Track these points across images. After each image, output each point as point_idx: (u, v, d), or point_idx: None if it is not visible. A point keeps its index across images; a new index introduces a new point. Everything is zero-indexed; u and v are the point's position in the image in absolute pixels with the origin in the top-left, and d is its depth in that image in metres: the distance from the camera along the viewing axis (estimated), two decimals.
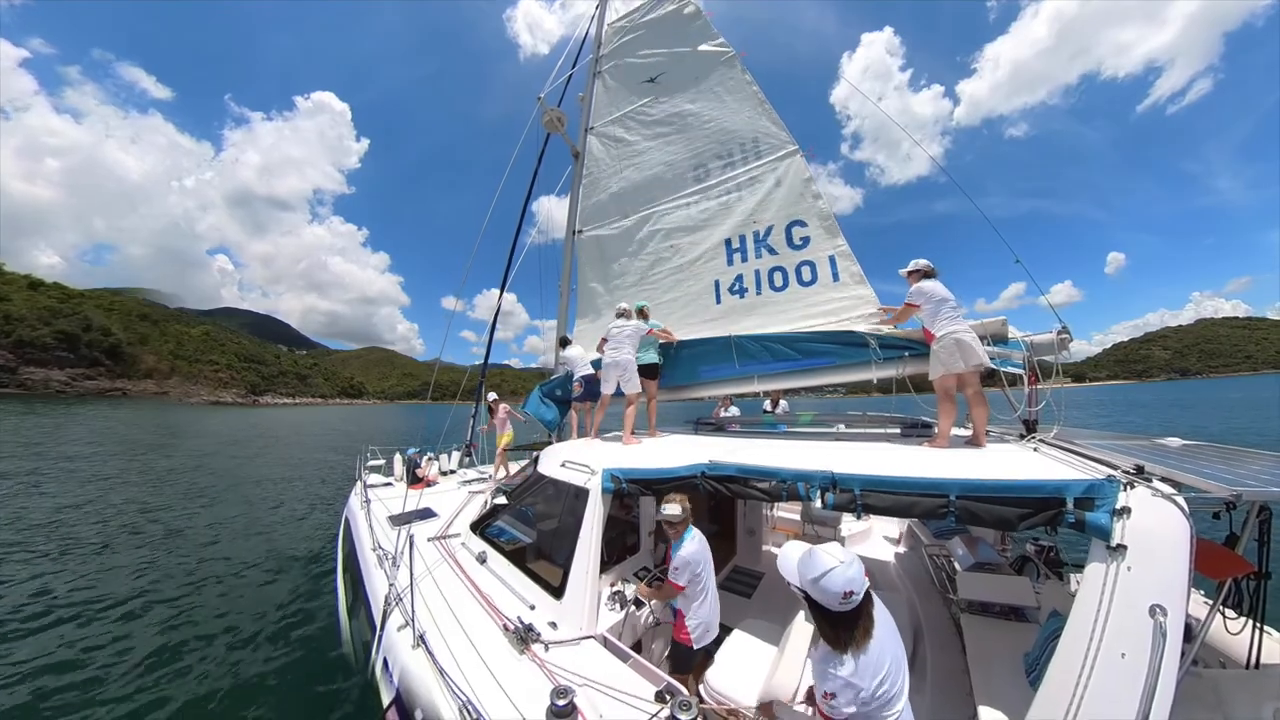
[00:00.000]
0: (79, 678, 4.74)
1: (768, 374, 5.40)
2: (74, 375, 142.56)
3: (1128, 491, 2.06)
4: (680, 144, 7.93)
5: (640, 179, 8.31)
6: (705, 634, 3.32)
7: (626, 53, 9.43)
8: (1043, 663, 2.59)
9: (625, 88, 9.25)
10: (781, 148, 6.69)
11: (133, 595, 6.63)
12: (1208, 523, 2.67)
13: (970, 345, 3.72)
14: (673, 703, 2.33)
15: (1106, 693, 1.85)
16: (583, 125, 9.66)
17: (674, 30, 8.74)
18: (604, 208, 8.64)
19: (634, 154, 8.59)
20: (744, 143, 7.09)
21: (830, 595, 1.80)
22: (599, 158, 9.16)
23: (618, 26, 9.90)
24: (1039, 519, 2.25)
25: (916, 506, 2.60)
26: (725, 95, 7.58)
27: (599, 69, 9.91)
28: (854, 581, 1.79)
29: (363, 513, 5.64)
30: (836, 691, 1.81)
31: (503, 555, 4.29)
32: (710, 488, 3.36)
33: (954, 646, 3.57)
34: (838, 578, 1.78)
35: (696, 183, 7.53)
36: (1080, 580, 2.10)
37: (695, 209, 7.31)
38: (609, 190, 8.67)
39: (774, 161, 6.65)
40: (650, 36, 9.12)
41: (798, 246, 5.97)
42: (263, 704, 4.52)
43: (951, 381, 3.86)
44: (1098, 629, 1.93)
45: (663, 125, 8.34)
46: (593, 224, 8.70)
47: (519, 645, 3.05)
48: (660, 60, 8.74)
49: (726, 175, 7.08)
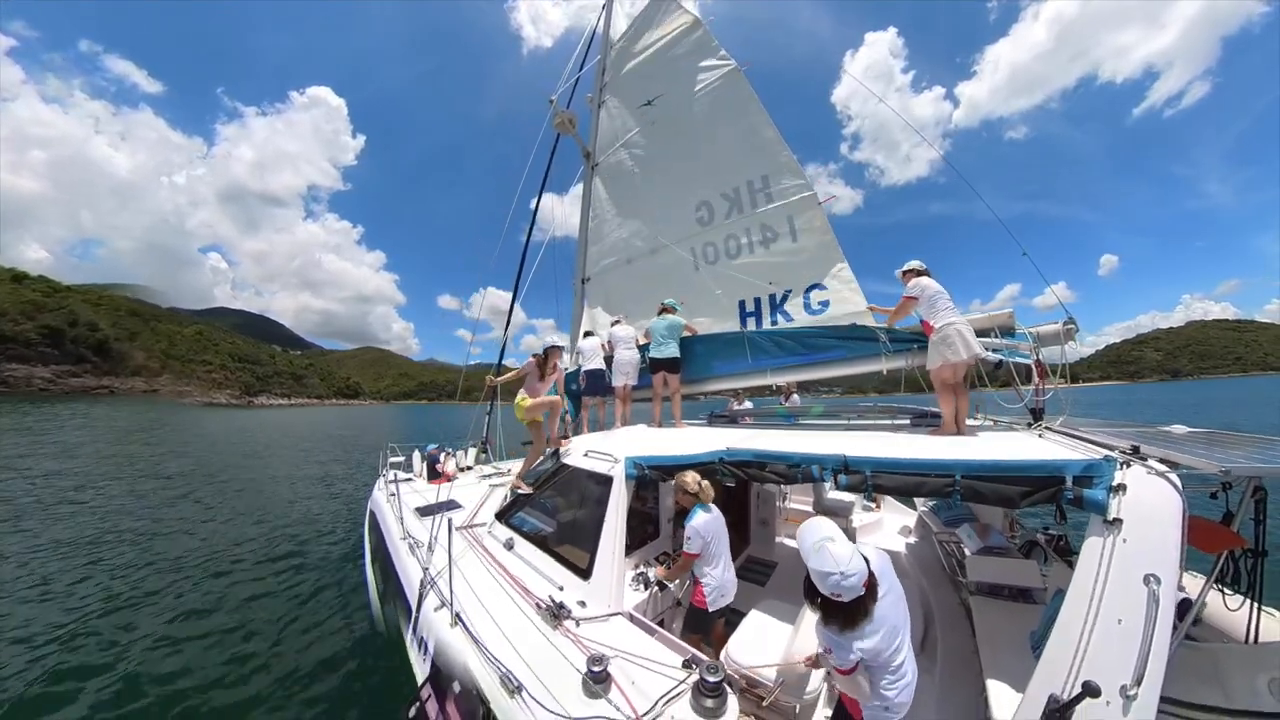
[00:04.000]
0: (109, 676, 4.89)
1: (779, 367, 5.57)
2: (58, 372, 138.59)
3: (1124, 470, 2.18)
4: (681, 177, 7.48)
5: (641, 223, 8.01)
6: (720, 598, 3.51)
7: (627, 77, 9.14)
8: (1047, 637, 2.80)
9: (626, 113, 8.92)
10: (794, 192, 6.23)
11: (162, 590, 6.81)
12: (1206, 503, 2.84)
13: (967, 338, 3.90)
14: (701, 667, 2.48)
15: (1105, 656, 1.96)
16: (590, 161, 9.57)
17: (672, 47, 8.30)
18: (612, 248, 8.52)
19: (633, 191, 8.29)
20: (751, 180, 6.61)
21: (821, 586, 2.00)
22: (602, 197, 8.96)
23: (619, 48, 9.59)
24: (1039, 496, 2.38)
25: (924, 486, 2.73)
26: (728, 119, 7.07)
27: (602, 99, 9.63)
28: (846, 589, 1.94)
29: (389, 505, 5.77)
30: (831, 649, 2.07)
31: (529, 541, 4.42)
32: (728, 472, 3.51)
33: (963, 629, 3.72)
34: (831, 582, 1.94)
35: (700, 225, 7.13)
36: (1080, 555, 2.20)
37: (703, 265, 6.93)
38: (612, 235, 8.49)
39: (785, 207, 6.24)
40: (647, 56, 8.73)
41: (816, 311, 5.87)
42: (302, 685, 4.72)
43: (949, 372, 4.01)
44: (1095, 598, 2.05)
45: (663, 153, 7.97)
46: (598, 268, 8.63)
47: (551, 621, 3.18)
48: (658, 82, 8.30)
49: (732, 219, 6.68)
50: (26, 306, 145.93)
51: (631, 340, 6.51)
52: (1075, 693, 1.88)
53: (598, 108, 9.68)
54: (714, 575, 3.52)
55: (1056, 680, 2.05)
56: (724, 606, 3.57)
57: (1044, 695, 2.02)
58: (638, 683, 2.58)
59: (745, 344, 5.67)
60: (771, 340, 5.55)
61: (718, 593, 3.51)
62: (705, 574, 3.53)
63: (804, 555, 2.07)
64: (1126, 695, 1.86)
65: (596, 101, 9.98)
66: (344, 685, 4.73)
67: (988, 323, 4.37)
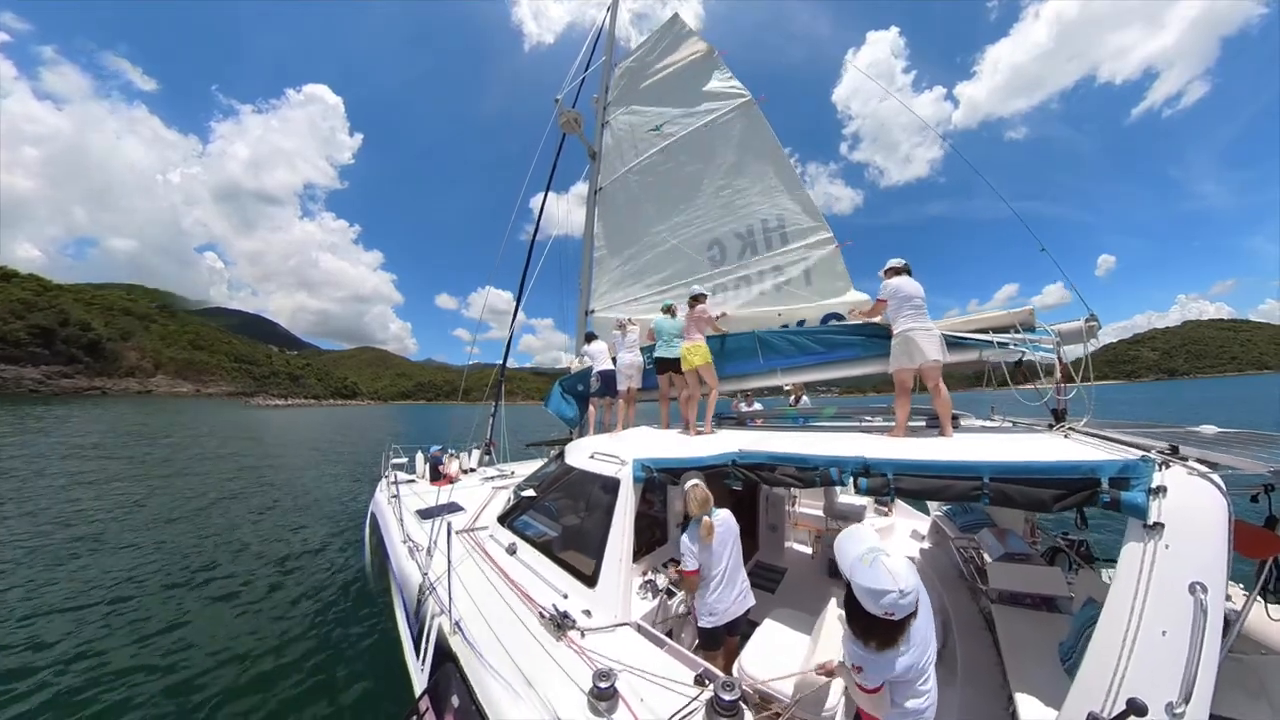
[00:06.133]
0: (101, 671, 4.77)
1: (792, 367, 5.41)
2: (49, 373, 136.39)
3: (1163, 471, 2.05)
4: (692, 213, 7.20)
5: (651, 257, 7.65)
6: (710, 615, 3.26)
7: (635, 102, 8.85)
8: (1080, 649, 2.58)
9: (634, 140, 8.60)
10: (811, 234, 6.01)
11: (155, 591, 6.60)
12: (1247, 506, 2.70)
13: (918, 344, 3.91)
14: (716, 683, 2.34)
15: (1149, 672, 1.84)
16: (596, 162, 9.36)
17: (684, 75, 8.04)
18: (618, 282, 8.22)
19: (642, 225, 7.94)
20: (766, 220, 6.39)
21: (871, 606, 1.79)
22: (608, 227, 8.66)
23: (627, 68, 9.33)
24: (1073, 500, 2.24)
25: (950, 489, 2.61)
26: (742, 153, 6.84)
27: (606, 118, 9.39)
28: (902, 609, 1.75)
29: (390, 507, 5.66)
30: (865, 667, 1.88)
31: (533, 546, 4.27)
32: (741, 475, 3.36)
33: (983, 639, 3.59)
34: (888, 601, 1.74)
35: (713, 265, 6.84)
36: (1116, 564, 2.08)
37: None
38: (618, 270, 8.17)
39: (802, 250, 5.99)
40: (657, 81, 8.49)
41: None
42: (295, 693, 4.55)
43: (907, 375, 4.04)
44: (1136, 608, 1.92)
45: (673, 187, 7.64)
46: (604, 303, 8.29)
47: (555, 631, 3.04)
48: (669, 111, 8.04)
49: (745, 260, 6.40)
50: (16, 305, 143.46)
51: (635, 343, 6.39)
52: (1119, 710, 1.73)
53: (601, 127, 9.49)
54: (708, 599, 3.27)
55: (1095, 696, 1.92)
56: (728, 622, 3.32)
57: (1083, 713, 1.89)
58: (646, 700, 2.44)
59: (757, 344, 5.52)
60: (785, 340, 5.40)
61: (708, 612, 3.27)
62: (700, 593, 3.30)
63: (849, 570, 1.87)
64: (1174, 713, 1.73)
65: (602, 104, 9.86)
66: (340, 694, 4.56)
67: (1008, 319, 4.24)
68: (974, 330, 4.31)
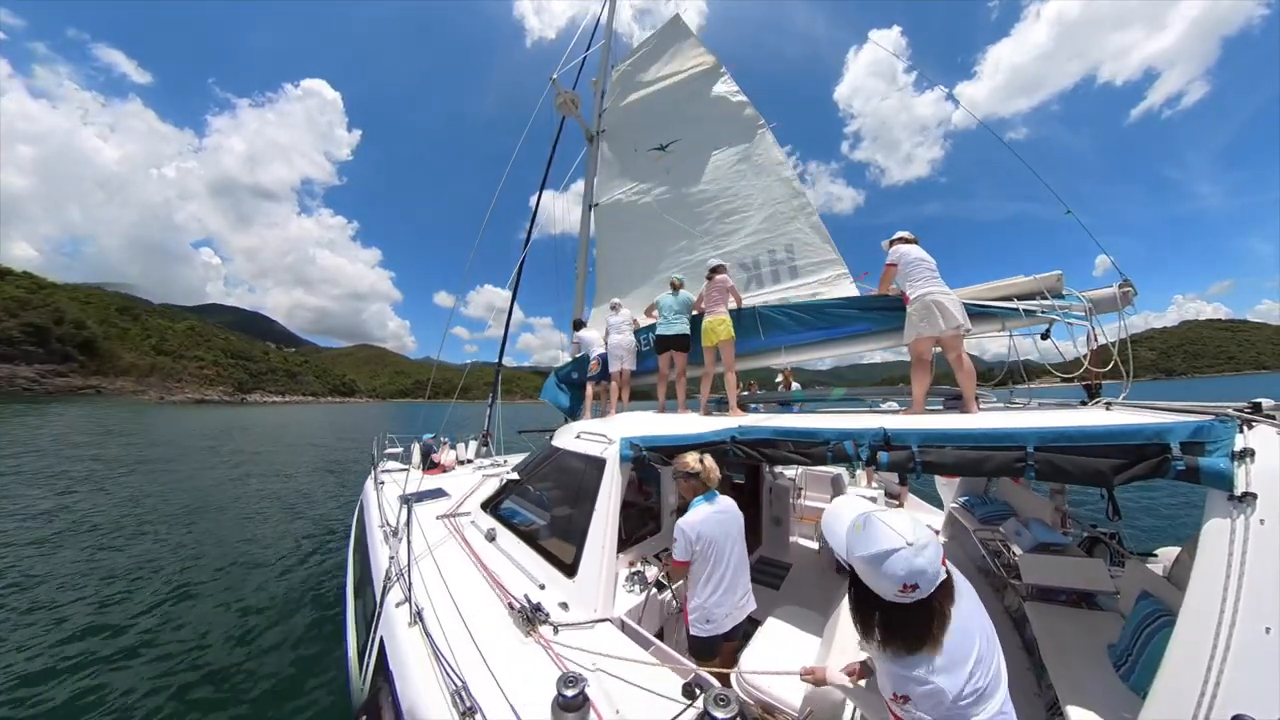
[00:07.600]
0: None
1: (796, 345, 5.02)
2: (43, 372, 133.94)
3: (1245, 432, 1.69)
4: (695, 240, 6.76)
5: (646, 288, 7.17)
6: (706, 623, 2.78)
7: (633, 113, 8.34)
8: (1137, 652, 2.23)
9: (632, 156, 8.09)
10: (825, 269, 5.59)
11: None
12: None
13: (947, 307, 3.50)
14: (706, 697, 1.86)
15: (1255, 679, 1.46)
16: (594, 144, 8.94)
17: (687, 89, 7.51)
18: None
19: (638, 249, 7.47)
20: (774, 250, 5.98)
21: (884, 583, 1.29)
22: (603, 248, 8.17)
23: (623, 71, 8.78)
24: (1139, 470, 1.84)
25: (987, 462, 2.20)
26: (750, 179, 6.42)
27: (601, 126, 8.88)
28: (922, 573, 1.26)
29: (375, 493, 5.40)
30: (910, 695, 1.32)
31: (513, 532, 3.93)
32: (742, 453, 3.00)
33: (1011, 641, 3.22)
34: (899, 563, 1.25)
35: None
36: (1198, 544, 1.68)
37: None
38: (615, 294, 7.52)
39: (816, 285, 5.61)
40: (657, 91, 7.99)
41: None
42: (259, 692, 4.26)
43: (927, 345, 3.65)
44: (1230, 600, 1.54)
45: (673, 211, 7.14)
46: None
47: (525, 626, 2.68)
48: (671, 126, 7.54)
49: (751, 294, 5.98)
50: (10, 303, 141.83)
51: (626, 324, 6.08)
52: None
53: (598, 134, 9.07)
54: (702, 597, 2.78)
55: (1183, 711, 1.53)
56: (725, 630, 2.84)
57: None
58: (623, 711, 2.06)
59: (756, 320, 5.13)
60: (787, 315, 5.00)
61: (703, 616, 2.78)
62: (693, 591, 2.82)
63: (844, 549, 1.41)
64: None
65: (600, 87, 9.46)
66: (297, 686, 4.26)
67: (1034, 286, 3.86)
68: (997, 298, 3.92)
